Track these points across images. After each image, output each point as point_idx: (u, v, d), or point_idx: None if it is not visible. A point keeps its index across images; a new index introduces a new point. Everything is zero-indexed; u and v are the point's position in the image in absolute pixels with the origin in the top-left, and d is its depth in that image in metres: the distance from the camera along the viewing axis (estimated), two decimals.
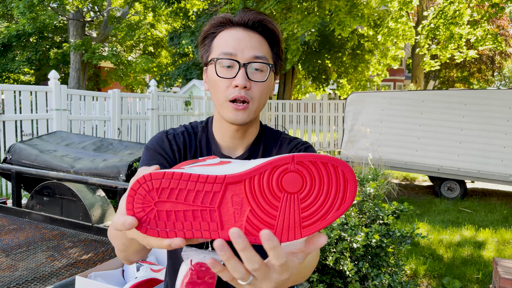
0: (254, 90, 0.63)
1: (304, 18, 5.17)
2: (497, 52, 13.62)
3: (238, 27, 0.64)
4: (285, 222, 0.38)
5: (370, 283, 1.67)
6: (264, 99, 0.65)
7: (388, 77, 11.32)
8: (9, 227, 1.60)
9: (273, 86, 0.69)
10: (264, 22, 0.64)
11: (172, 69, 10.71)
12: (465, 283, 2.51)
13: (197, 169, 0.40)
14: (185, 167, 0.43)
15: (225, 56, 0.62)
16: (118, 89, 4.91)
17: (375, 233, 1.73)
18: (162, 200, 0.38)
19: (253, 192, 0.38)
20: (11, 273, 1.19)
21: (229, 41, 0.63)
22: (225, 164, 0.43)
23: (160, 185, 0.38)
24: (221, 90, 0.63)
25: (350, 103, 5.51)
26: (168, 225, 0.38)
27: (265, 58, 0.63)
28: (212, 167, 0.42)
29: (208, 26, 0.66)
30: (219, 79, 0.63)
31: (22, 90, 3.71)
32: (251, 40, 0.63)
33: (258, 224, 0.38)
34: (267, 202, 0.38)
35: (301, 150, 0.71)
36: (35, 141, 2.38)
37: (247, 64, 0.62)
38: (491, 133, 4.62)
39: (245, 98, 0.62)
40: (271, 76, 0.65)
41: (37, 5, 8.37)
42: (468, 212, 4.35)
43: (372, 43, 8.32)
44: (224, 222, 0.38)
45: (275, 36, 0.66)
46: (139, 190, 0.38)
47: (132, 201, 0.38)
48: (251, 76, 0.62)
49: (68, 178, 1.73)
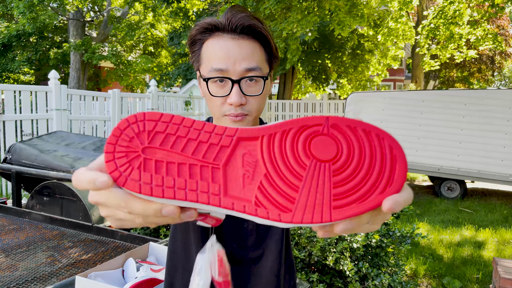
0: (250, 104, 0.61)
1: (304, 18, 5.17)
2: (497, 52, 13.62)
3: (226, 34, 0.60)
4: (310, 197, 0.29)
5: (370, 283, 1.67)
6: (261, 107, 0.64)
7: (388, 77, 11.32)
8: (9, 227, 1.60)
9: (270, 88, 0.67)
10: (253, 27, 0.60)
11: (172, 69, 10.72)
12: (465, 283, 2.51)
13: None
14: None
15: (216, 74, 0.59)
16: (118, 89, 4.91)
17: (375, 233, 1.73)
18: (153, 147, 0.30)
19: (272, 153, 0.29)
20: (11, 273, 1.19)
21: (218, 53, 0.59)
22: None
23: (154, 128, 0.30)
24: (216, 106, 0.61)
25: (350, 103, 5.51)
26: (155, 179, 0.29)
27: (258, 68, 0.60)
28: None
29: (195, 31, 0.63)
30: (213, 97, 0.60)
31: (22, 90, 3.71)
32: (241, 49, 0.59)
33: (274, 195, 0.29)
34: (288, 168, 0.29)
35: None
36: (35, 141, 2.38)
37: (240, 80, 0.59)
38: (491, 133, 4.62)
39: (242, 114, 0.60)
40: (267, 85, 0.63)
41: (37, 5, 8.37)
42: (468, 212, 4.35)
43: (372, 43, 8.32)
44: (228, 185, 0.30)
45: (265, 37, 0.62)
46: (126, 130, 0.30)
47: (115, 142, 0.29)
48: (245, 90, 0.60)
49: (68, 178, 1.73)
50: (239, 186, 0.30)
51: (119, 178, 0.29)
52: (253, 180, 0.30)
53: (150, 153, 0.30)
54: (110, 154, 0.29)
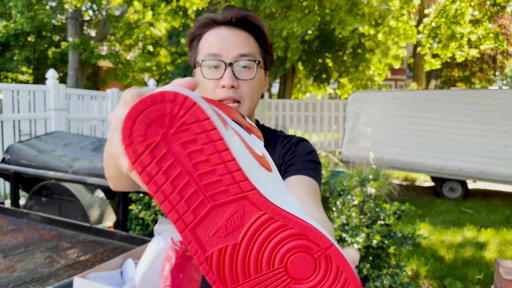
0: (243, 89, 0.61)
1: (304, 17, 5.16)
2: (498, 51, 13.61)
3: (222, 26, 0.62)
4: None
5: (371, 284, 1.66)
6: (256, 97, 0.64)
7: (390, 76, 11.31)
8: (7, 227, 1.58)
9: (265, 82, 0.67)
10: (247, 18, 0.62)
11: (171, 68, 10.71)
12: (467, 284, 2.50)
13: (238, 143, 0.30)
14: (228, 119, 0.31)
15: (210, 57, 0.60)
16: (117, 89, 4.89)
17: (376, 233, 1.71)
18: (179, 139, 0.27)
19: (257, 235, 0.28)
20: (9, 275, 1.17)
21: (213, 41, 0.61)
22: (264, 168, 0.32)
23: (184, 115, 0.26)
24: (209, 91, 0.61)
25: (351, 103, 5.49)
26: (158, 175, 0.27)
27: (251, 55, 0.61)
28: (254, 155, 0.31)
29: (194, 28, 0.65)
30: (206, 80, 0.61)
31: (20, 89, 3.69)
32: (236, 38, 0.61)
33: (226, 266, 0.28)
34: (257, 258, 0.27)
35: (294, 144, 0.68)
36: (33, 141, 2.36)
37: (233, 63, 0.60)
38: (493, 133, 4.60)
39: (234, 98, 0.60)
40: (259, 72, 0.63)
41: (35, 4, 8.34)
42: (470, 213, 4.33)
43: (373, 42, 8.30)
44: (202, 224, 0.28)
45: (260, 31, 0.64)
46: (150, 109, 0.26)
47: (131, 125, 0.26)
48: (238, 74, 0.61)
49: (66, 178, 1.71)
50: (209, 232, 0.28)
51: (135, 166, 0.27)
52: (224, 238, 0.28)
53: (169, 142, 0.27)
54: (126, 139, 0.27)
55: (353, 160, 5.03)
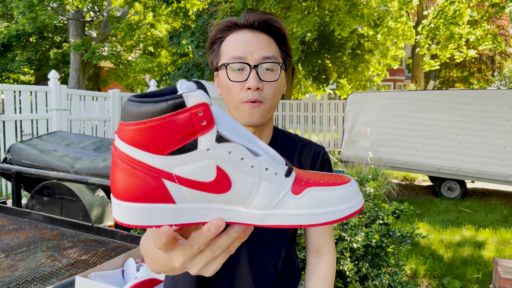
0: (267, 91, 0.63)
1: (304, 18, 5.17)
2: (497, 52, 13.61)
3: (245, 29, 0.64)
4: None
5: (370, 283, 1.67)
6: (277, 98, 0.66)
7: (388, 77, 11.31)
8: (9, 227, 1.59)
9: (284, 83, 0.70)
10: (269, 21, 0.64)
11: (172, 69, 10.71)
12: (465, 283, 2.51)
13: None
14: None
15: (235, 60, 0.62)
16: (118, 89, 4.91)
17: (375, 233, 1.73)
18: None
19: None
20: (11, 273, 1.19)
21: (237, 44, 0.63)
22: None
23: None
24: (235, 93, 0.63)
25: (350, 103, 5.51)
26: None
27: (274, 57, 0.63)
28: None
29: (215, 32, 0.67)
30: (232, 83, 0.63)
31: (22, 90, 3.70)
32: (259, 41, 0.63)
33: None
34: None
35: (322, 162, 0.74)
36: (35, 141, 2.38)
37: (258, 65, 0.62)
38: (491, 133, 4.62)
39: (258, 100, 0.62)
40: (282, 74, 0.66)
41: (37, 5, 8.36)
42: (468, 212, 4.34)
43: (372, 43, 8.32)
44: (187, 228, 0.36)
45: (281, 34, 0.66)
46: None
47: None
48: (262, 76, 0.63)
49: (68, 178, 1.73)
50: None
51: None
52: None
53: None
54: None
55: (352, 160, 5.05)
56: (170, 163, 0.30)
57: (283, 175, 0.33)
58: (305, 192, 0.34)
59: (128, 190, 0.31)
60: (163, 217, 0.31)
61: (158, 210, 0.31)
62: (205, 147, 0.30)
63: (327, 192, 0.34)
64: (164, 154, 0.30)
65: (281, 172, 0.34)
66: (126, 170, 0.30)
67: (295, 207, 0.34)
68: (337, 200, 0.34)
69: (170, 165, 0.30)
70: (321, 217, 0.34)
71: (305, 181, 0.34)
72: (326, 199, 0.34)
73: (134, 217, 0.31)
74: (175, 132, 0.29)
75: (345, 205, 0.35)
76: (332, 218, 0.34)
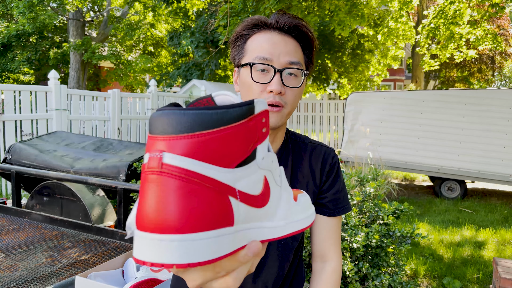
0: (288, 96, 0.63)
1: (304, 18, 5.17)
2: (497, 52, 13.62)
3: (273, 30, 0.63)
4: None
5: (370, 283, 1.67)
6: (296, 103, 0.66)
7: (388, 77, 11.32)
8: (9, 227, 1.59)
9: (303, 91, 0.70)
10: (299, 26, 0.64)
11: (172, 69, 10.72)
12: (465, 283, 2.51)
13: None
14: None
15: (260, 61, 0.62)
16: (118, 89, 4.91)
17: (375, 233, 1.73)
18: None
19: None
20: (11, 273, 1.19)
21: (264, 45, 0.62)
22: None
23: None
24: (255, 94, 0.63)
25: (350, 103, 5.51)
26: None
27: (299, 64, 0.63)
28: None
29: (241, 28, 0.66)
30: (254, 83, 0.63)
31: (22, 90, 3.70)
32: (286, 45, 0.63)
33: None
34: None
35: (337, 167, 0.75)
36: (35, 141, 2.38)
37: (283, 70, 0.62)
38: (491, 133, 4.62)
39: (279, 104, 0.62)
40: (304, 81, 0.66)
41: (36, 5, 8.36)
42: (468, 212, 4.35)
43: (372, 43, 8.32)
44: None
45: (309, 40, 0.66)
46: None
47: None
48: (285, 81, 0.63)
49: (68, 178, 1.73)
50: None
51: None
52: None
53: None
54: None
55: (352, 160, 5.05)
56: (235, 177, 0.25)
57: (288, 182, 0.35)
58: (299, 197, 0.36)
59: (195, 216, 0.23)
60: (225, 245, 0.25)
61: (223, 236, 0.25)
62: (260, 156, 0.27)
63: (304, 196, 0.38)
64: (232, 167, 0.25)
65: (286, 179, 0.34)
66: (191, 190, 0.23)
67: (299, 212, 0.34)
68: (310, 203, 0.39)
69: (235, 180, 0.25)
70: (311, 218, 0.37)
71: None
72: (308, 202, 0.38)
73: (204, 250, 0.24)
74: (245, 141, 0.26)
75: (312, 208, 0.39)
76: (313, 218, 0.38)
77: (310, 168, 0.73)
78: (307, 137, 0.77)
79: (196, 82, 7.50)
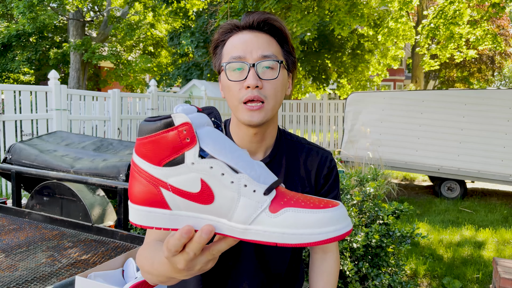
0: (267, 89, 0.63)
1: (304, 18, 5.17)
2: (497, 52, 13.61)
3: (245, 30, 0.64)
4: None
5: (370, 283, 1.67)
6: (279, 97, 0.65)
7: (388, 77, 11.32)
8: (9, 227, 1.59)
9: (287, 83, 0.69)
10: (269, 21, 0.64)
11: (172, 69, 10.72)
12: (465, 283, 2.51)
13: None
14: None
15: (234, 60, 0.62)
16: (118, 89, 4.91)
17: (375, 233, 1.73)
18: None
19: None
20: (11, 273, 1.19)
21: (237, 45, 0.63)
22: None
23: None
24: (234, 93, 0.63)
25: (350, 103, 5.51)
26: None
27: (274, 56, 0.63)
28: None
29: (217, 35, 0.67)
30: (231, 83, 0.63)
31: (22, 90, 3.70)
32: (258, 40, 0.63)
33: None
34: None
35: (329, 168, 0.74)
36: (35, 141, 2.38)
37: (256, 64, 0.62)
38: (491, 133, 4.62)
39: (258, 98, 0.62)
40: (282, 72, 0.65)
41: (37, 5, 8.36)
42: (468, 212, 4.35)
43: (372, 43, 8.33)
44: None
45: (282, 33, 0.66)
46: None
47: None
48: (262, 75, 0.62)
49: (68, 178, 1.73)
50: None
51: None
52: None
53: None
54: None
55: (352, 160, 5.05)
56: (165, 174, 0.36)
57: (262, 193, 0.36)
58: (282, 211, 0.35)
59: (135, 194, 0.37)
60: (160, 220, 0.37)
61: (156, 213, 0.37)
62: (190, 161, 0.35)
63: (304, 214, 0.35)
64: (161, 165, 0.36)
65: (260, 190, 0.36)
66: (135, 177, 0.37)
67: (271, 225, 0.35)
68: (315, 223, 0.35)
69: (165, 175, 0.36)
70: (295, 237, 0.35)
71: (286, 201, 0.36)
72: (302, 220, 0.35)
73: (139, 218, 0.37)
74: (166, 146, 0.35)
75: (324, 229, 0.35)
76: (307, 240, 0.34)
77: (305, 169, 0.73)
78: (304, 139, 0.77)
79: (196, 82, 7.50)
